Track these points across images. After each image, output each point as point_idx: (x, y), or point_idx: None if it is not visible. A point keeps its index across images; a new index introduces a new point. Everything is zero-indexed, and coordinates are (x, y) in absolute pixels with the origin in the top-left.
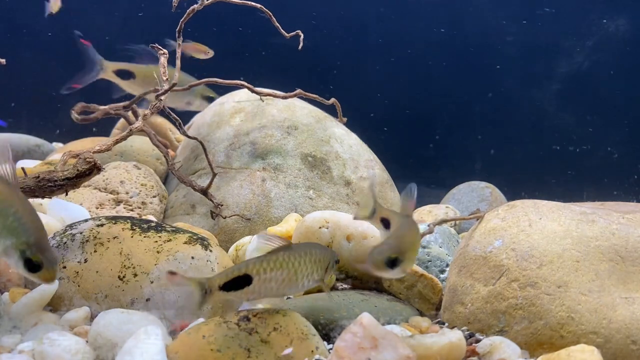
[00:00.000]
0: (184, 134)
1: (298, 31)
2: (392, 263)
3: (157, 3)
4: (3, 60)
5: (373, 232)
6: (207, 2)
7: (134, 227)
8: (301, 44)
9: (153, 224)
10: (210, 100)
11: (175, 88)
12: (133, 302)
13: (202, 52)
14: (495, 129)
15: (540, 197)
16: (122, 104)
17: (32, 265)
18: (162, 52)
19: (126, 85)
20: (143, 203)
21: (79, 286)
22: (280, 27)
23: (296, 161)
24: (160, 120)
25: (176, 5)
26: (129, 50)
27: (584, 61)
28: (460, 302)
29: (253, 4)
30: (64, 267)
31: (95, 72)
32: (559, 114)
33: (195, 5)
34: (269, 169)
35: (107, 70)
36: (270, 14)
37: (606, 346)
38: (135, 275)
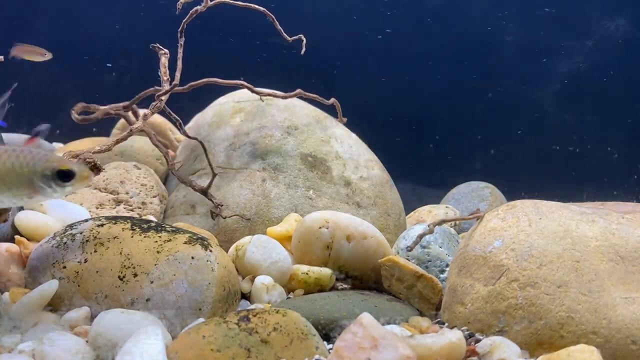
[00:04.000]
0: (184, 134)
1: (300, 35)
2: None
3: (158, 3)
4: (1, 57)
5: (373, 232)
6: (210, 4)
7: (134, 227)
8: (304, 49)
9: (153, 224)
10: None
11: (176, 89)
12: (133, 302)
13: (39, 54)
14: (495, 129)
15: (540, 197)
16: (122, 104)
17: (64, 175)
18: (163, 52)
19: None
20: (143, 203)
21: (79, 286)
22: (282, 31)
23: (296, 161)
24: (160, 120)
25: (180, 8)
26: None
27: (584, 61)
28: (460, 302)
29: (256, 6)
30: (64, 267)
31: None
32: (559, 114)
33: (199, 7)
34: (268, 169)
35: None
36: (273, 17)
37: (606, 346)
38: (135, 275)
